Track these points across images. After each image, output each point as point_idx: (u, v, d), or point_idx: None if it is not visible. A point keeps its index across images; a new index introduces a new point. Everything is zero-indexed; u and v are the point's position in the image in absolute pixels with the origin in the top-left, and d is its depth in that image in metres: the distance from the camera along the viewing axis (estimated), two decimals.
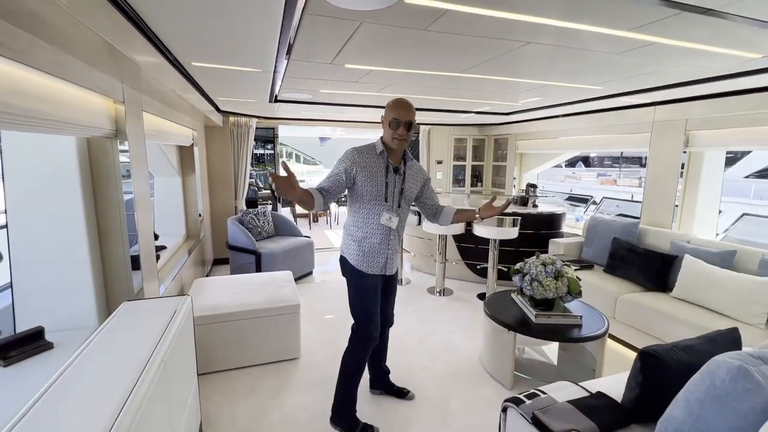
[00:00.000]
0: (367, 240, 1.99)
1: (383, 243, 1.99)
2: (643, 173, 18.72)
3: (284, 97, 3.69)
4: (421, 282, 4.71)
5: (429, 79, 2.75)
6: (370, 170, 1.93)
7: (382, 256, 2.01)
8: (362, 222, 1.99)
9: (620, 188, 15.07)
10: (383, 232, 1.98)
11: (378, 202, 1.95)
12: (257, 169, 10.33)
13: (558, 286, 2.53)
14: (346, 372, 2.11)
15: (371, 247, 1.99)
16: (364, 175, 1.92)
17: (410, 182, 2.04)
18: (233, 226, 4.44)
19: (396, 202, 1.98)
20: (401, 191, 2.00)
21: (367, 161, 1.93)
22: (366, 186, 1.93)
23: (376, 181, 1.93)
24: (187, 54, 2.09)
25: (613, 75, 2.47)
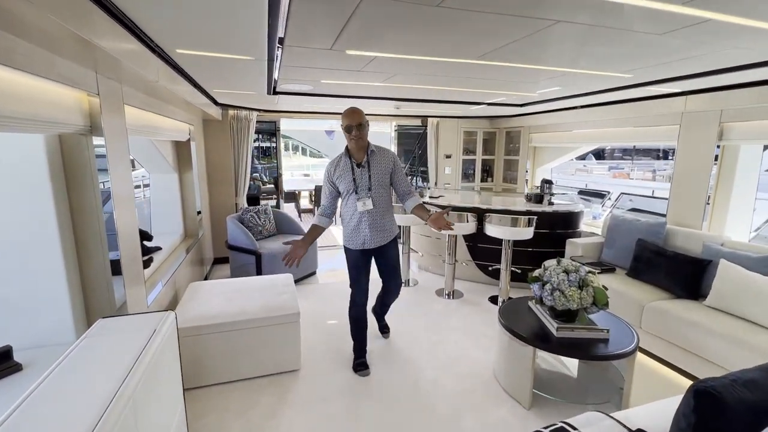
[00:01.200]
0: (349, 224, 2.60)
1: (358, 225, 2.55)
2: (657, 166, 18.07)
3: (283, 89, 3.46)
4: (429, 283, 4.49)
5: (440, 67, 2.50)
6: (341, 173, 2.52)
7: (360, 235, 2.57)
8: (344, 211, 2.61)
9: (635, 182, 14.60)
10: (358, 217, 2.53)
11: (350, 195, 2.52)
12: (263, 162, 10.13)
13: (582, 297, 2.28)
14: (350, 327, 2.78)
15: (352, 229, 2.59)
16: (339, 178, 2.53)
17: (376, 169, 2.51)
18: (233, 225, 4.24)
19: (366, 189, 2.49)
20: (369, 179, 2.50)
21: (338, 168, 2.54)
22: (341, 185, 2.53)
23: (347, 179, 2.50)
24: (170, 40, 1.87)
25: (650, 60, 2.20)
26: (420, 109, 4.97)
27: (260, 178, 9.47)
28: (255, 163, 10.47)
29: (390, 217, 2.63)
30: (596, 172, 19.46)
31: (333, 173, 2.55)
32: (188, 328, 2.39)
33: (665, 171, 19.79)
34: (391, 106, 4.64)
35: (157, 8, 1.46)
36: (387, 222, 2.59)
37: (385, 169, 2.53)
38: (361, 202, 2.48)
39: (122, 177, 2.05)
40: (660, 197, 6.73)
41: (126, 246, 2.07)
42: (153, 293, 2.57)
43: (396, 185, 2.62)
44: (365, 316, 2.72)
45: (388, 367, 2.76)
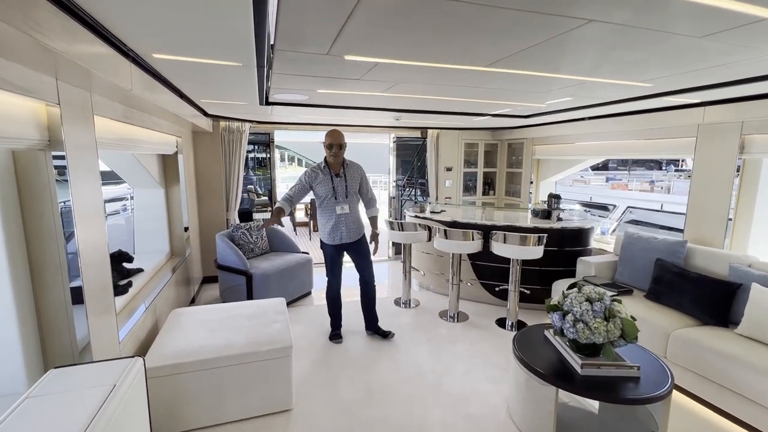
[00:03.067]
0: (327, 224, 3.13)
1: (337, 225, 3.11)
2: (655, 176, 18.05)
3: (277, 99, 3.24)
4: (432, 304, 4.23)
5: (446, 75, 2.29)
6: (320, 180, 3.05)
7: (338, 233, 3.12)
8: (323, 212, 3.13)
9: (640, 194, 14.45)
10: (336, 218, 3.09)
11: (330, 200, 3.07)
12: (259, 173, 9.87)
13: (609, 329, 2.04)
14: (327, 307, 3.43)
15: (331, 228, 3.12)
16: (317, 183, 3.06)
17: (351, 180, 3.12)
18: (222, 243, 3.98)
19: (343, 195, 3.09)
20: (346, 188, 3.09)
21: (318, 175, 3.06)
22: (319, 190, 3.07)
23: (327, 187, 3.05)
24: (145, 44, 1.64)
25: (679, 67, 2.00)
26: (420, 120, 4.78)
27: (255, 189, 9.20)
28: (250, 174, 10.23)
29: (359, 217, 3.24)
30: (594, 183, 19.41)
31: (314, 178, 3.06)
32: (165, 367, 2.11)
33: (663, 182, 19.80)
34: (391, 118, 4.44)
35: (125, 6, 1.24)
36: (358, 222, 3.22)
37: (356, 180, 3.17)
38: (340, 206, 3.08)
39: (89, 194, 1.80)
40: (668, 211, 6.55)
41: (92, 273, 1.80)
42: (128, 324, 2.29)
43: (363, 194, 3.26)
44: (339, 296, 3.37)
45: (390, 403, 2.49)
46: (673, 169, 23.53)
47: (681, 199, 9.79)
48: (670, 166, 24.03)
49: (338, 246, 3.16)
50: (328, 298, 3.36)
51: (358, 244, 3.22)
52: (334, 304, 3.37)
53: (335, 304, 3.37)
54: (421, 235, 4.03)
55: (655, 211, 6.42)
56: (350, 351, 3.17)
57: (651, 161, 24.83)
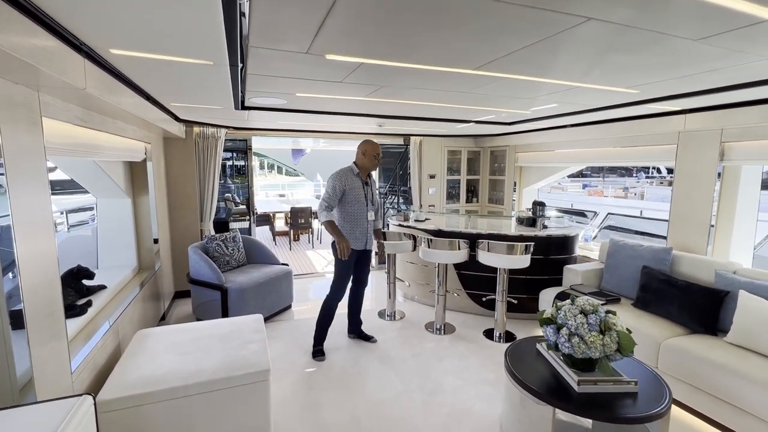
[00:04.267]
0: (355, 227, 3.11)
1: (364, 229, 3.15)
2: (628, 183, 18.65)
3: (254, 103, 3.07)
4: (417, 316, 4.09)
5: (433, 79, 2.19)
6: (353, 185, 3.08)
7: (363, 238, 3.16)
8: (351, 217, 3.11)
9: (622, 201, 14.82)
10: (365, 223, 3.14)
11: (361, 205, 3.12)
12: (237, 181, 9.55)
13: (606, 343, 1.95)
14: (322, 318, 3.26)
15: (358, 232, 3.12)
16: (349, 189, 3.07)
17: (374, 189, 3.32)
18: (195, 256, 3.74)
19: (371, 202, 3.21)
20: (373, 195, 3.26)
21: (350, 180, 3.08)
22: (352, 195, 3.08)
23: (360, 192, 3.11)
24: (99, 37, 1.46)
25: (669, 73, 1.96)
26: (403, 126, 4.69)
27: (233, 198, 8.89)
28: (228, 182, 9.90)
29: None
30: (571, 190, 19.85)
31: (346, 183, 3.05)
32: (126, 398, 1.88)
33: (636, 188, 20.48)
34: (373, 124, 4.33)
35: None
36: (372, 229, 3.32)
37: (376, 189, 3.38)
38: (371, 213, 3.18)
39: (35, 206, 1.59)
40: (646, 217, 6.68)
41: (37, 295, 1.58)
42: (84, 350, 2.05)
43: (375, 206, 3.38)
44: (335, 310, 3.24)
45: (378, 428, 2.32)
46: (643, 177, 24.40)
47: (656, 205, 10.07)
48: (640, 174, 24.92)
49: (358, 252, 3.14)
50: (328, 311, 3.20)
51: (370, 252, 3.34)
52: (330, 316, 3.23)
53: (331, 316, 3.24)
54: (406, 245, 3.90)
55: (634, 217, 6.53)
56: (333, 369, 2.99)
57: (623, 169, 25.69)
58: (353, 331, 3.51)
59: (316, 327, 3.24)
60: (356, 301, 3.45)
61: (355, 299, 3.45)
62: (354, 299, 3.44)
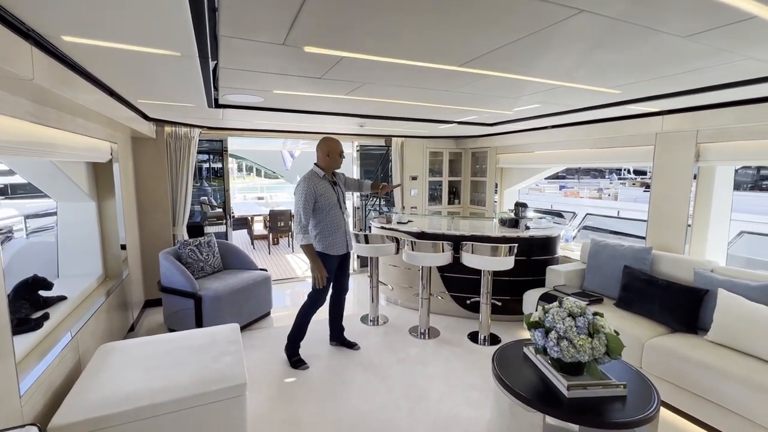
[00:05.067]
0: (333, 234, 2.94)
1: (342, 234, 3.00)
2: (602, 184, 19.20)
3: (228, 101, 2.92)
4: (401, 320, 4.01)
5: (416, 75, 2.11)
6: (323, 190, 2.88)
7: (342, 242, 2.99)
8: (329, 223, 2.93)
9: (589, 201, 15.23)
10: (341, 226, 2.98)
11: (336, 208, 2.94)
12: (214, 184, 9.23)
13: (595, 346, 1.91)
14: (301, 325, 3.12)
15: (336, 238, 2.95)
16: (320, 195, 2.86)
17: (341, 187, 3.09)
18: (166, 263, 3.53)
19: (343, 202, 3.03)
20: (343, 194, 3.07)
21: (320, 185, 2.88)
22: (324, 200, 2.87)
23: (331, 195, 2.92)
24: (47, 22, 1.31)
25: (652, 72, 1.95)
26: (384, 127, 4.61)
27: (209, 201, 8.58)
28: (204, 185, 9.55)
29: None
30: (548, 192, 20.27)
31: (317, 189, 2.86)
32: (83, 422, 1.71)
33: (609, 189, 21.12)
34: (354, 124, 4.23)
35: None
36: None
37: (343, 184, 3.15)
38: (344, 213, 3.02)
39: None
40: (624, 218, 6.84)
41: None
42: (37, 370, 1.86)
43: (352, 185, 3.28)
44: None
45: None
46: (615, 178, 25.21)
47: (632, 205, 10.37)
48: (612, 175, 25.74)
49: (340, 256, 3.04)
50: (304, 320, 3.06)
51: (349, 254, 3.18)
52: (304, 329, 3.10)
53: (305, 329, 3.11)
54: (389, 248, 3.82)
55: (611, 218, 6.67)
56: (314, 379, 2.87)
57: (596, 170, 26.46)
58: (336, 339, 3.39)
59: (289, 338, 3.09)
60: (338, 308, 3.34)
61: (337, 306, 3.33)
62: (335, 306, 3.33)
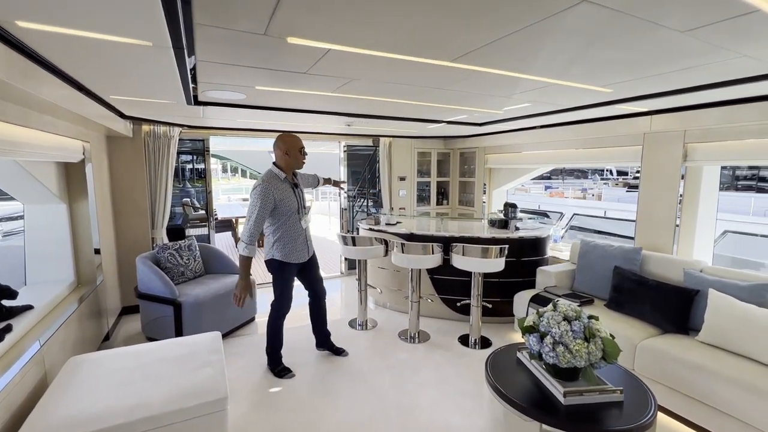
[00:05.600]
0: (292, 242, 2.72)
1: (304, 240, 2.79)
2: (586, 185, 19.52)
3: (209, 98, 2.78)
4: (390, 324, 3.92)
5: (407, 72, 2.03)
6: (284, 194, 2.63)
7: (302, 250, 2.79)
8: (288, 229, 2.70)
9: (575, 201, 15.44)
10: (301, 233, 2.76)
11: (293, 214, 2.69)
12: (198, 185, 8.97)
13: (591, 351, 1.86)
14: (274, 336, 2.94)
15: (295, 246, 2.74)
16: (282, 199, 2.62)
17: (302, 189, 2.88)
18: (144, 268, 3.36)
19: (303, 207, 2.78)
20: (303, 198, 2.82)
21: (279, 189, 2.62)
22: (284, 206, 2.63)
23: (292, 199, 2.67)
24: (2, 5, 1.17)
25: (647, 70, 1.92)
26: (372, 127, 4.52)
27: (192, 203, 8.34)
28: (187, 186, 9.27)
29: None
30: (534, 192, 20.50)
31: (276, 194, 2.61)
32: None
33: (593, 189, 21.51)
34: (341, 123, 4.13)
35: None
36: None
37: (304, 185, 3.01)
38: (304, 219, 2.79)
39: None
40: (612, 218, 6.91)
41: None
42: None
43: (308, 182, 3.18)
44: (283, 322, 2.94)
45: None
46: (598, 179, 25.70)
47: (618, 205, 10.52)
48: (595, 176, 26.23)
49: (299, 264, 2.83)
50: (277, 327, 2.88)
51: (314, 258, 3.02)
52: (279, 335, 2.93)
53: (280, 335, 2.94)
54: (378, 250, 3.73)
55: (596, 218, 6.73)
56: (300, 389, 2.75)
57: (579, 171, 26.92)
58: (322, 345, 3.26)
59: (267, 353, 2.93)
60: (318, 314, 3.15)
61: (317, 313, 3.15)
62: (315, 313, 3.15)
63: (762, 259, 4.27)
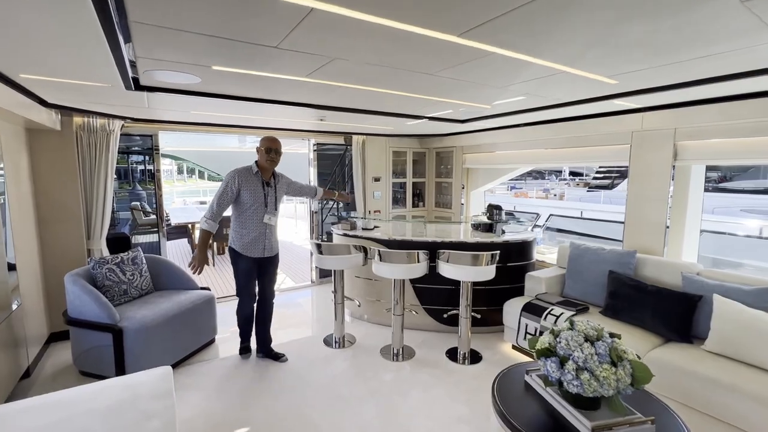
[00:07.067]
0: (249, 234, 2.87)
1: (261, 236, 2.90)
2: (548, 186, 20.13)
3: (154, 82, 2.30)
4: (370, 339, 3.56)
5: (401, 50, 1.70)
6: (250, 185, 2.83)
7: (260, 245, 2.91)
8: (246, 221, 2.86)
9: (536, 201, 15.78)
10: (262, 229, 2.89)
11: (259, 208, 2.87)
12: (150, 187, 8.11)
13: (620, 377, 1.61)
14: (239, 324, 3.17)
15: (253, 239, 2.88)
16: (246, 189, 2.82)
17: (279, 192, 3.01)
18: (74, 288, 2.78)
19: (273, 206, 2.95)
20: (275, 198, 2.96)
21: (247, 180, 2.83)
22: (247, 196, 2.82)
23: (257, 193, 2.85)
24: None
25: (666, 57, 1.71)
26: (346, 123, 4.14)
27: (142, 207, 7.50)
28: (138, 188, 8.38)
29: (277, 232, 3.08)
30: (499, 193, 20.87)
31: (241, 182, 2.80)
32: None
33: (554, 190, 22.27)
34: (313, 117, 3.71)
35: None
36: (276, 235, 3.06)
37: (282, 192, 3.07)
38: (268, 216, 2.91)
39: None
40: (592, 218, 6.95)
41: None
42: None
43: (301, 191, 3.23)
44: (253, 312, 3.10)
45: None
46: (555, 179, 26.71)
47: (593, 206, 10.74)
48: (552, 176, 27.24)
49: (257, 259, 2.93)
50: (242, 317, 3.09)
51: (275, 258, 3.08)
52: (247, 321, 3.12)
53: (248, 320, 3.12)
54: (356, 259, 3.36)
55: (568, 218, 6.74)
56: (270, 426, 2.33)
57: (536, 171, 27.84)
58: (261, 350, 3.16)
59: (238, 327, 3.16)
60: (262, 316, 3.11)
61: (262, 315, 3.10)
62: (261, 315, 3.10)
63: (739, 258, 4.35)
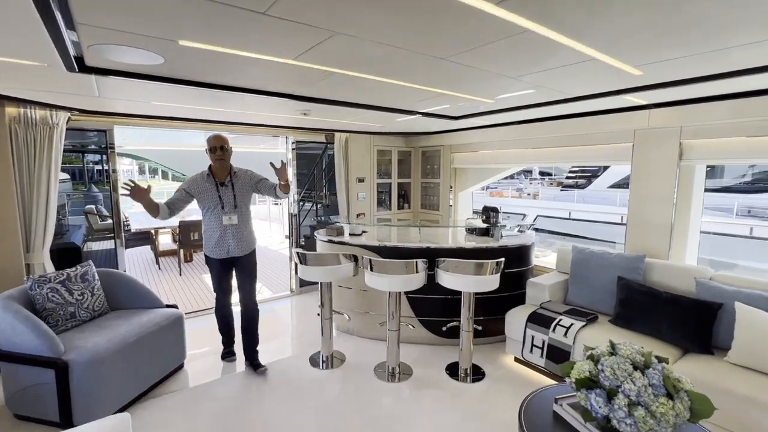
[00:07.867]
0: (212, 237, 2.87)
1: (223, 237, 2.85)
2: (521, 185, 20.43)
3: (102, 62, 1.87)
4: (360, 356, 3.23)
5: (416, 25, 1.39)
6: (202, 190, 2.82)
7: (225, 246, 2.86)
8: (208, 223, 2.88)
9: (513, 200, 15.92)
10: (222, 230, 2.84)
11: (215, 210, 2.82)
12: (107, 189, 7.38)
13: (679, 413, 1.38)
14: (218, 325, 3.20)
15: (216, 241, 2.86)
16: (198, 192, 2.83)
17: (240, 188, 2.89)
18: (6, 315, 2.28)
19: (232, 206, 2.85)
20: (234, 197, 2.86)
21: (198, 184, 2.83)
22: (203, 201, 2.84)
23: (211, 196, 2.82)
24: None
25: (720, 39, 1.50)
26: (329, 119, 3.79)
27: (98, 210, 6.75)
28: (94, 190, 7.61)
29: (251, 229, 2.98)
30: (475, 192, 21.01)
31: (194, 186, 2.82)
32: None
33: (527, 189, 22.70)
34: (294, 112, 3.33)
35: None
36: (248, 233, 2.95)
37: (248, 188, 2.93)
38: (227, 216, 2.82)
39: None
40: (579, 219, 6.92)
41: None
42: None
43: (264, 189, 2.96)
44: (231, 312, 3.11)
45: None
46: (525, 179, 27.29)
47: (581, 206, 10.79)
48: (521, 176, 27.83)
49: (224, 260, 2.89)
50: (219, 317, 3.12)
51: (247, 258, 2.95)
52: (225, 321, 3.14)
53: (226, 321, 3.14)
54: (346, 269, 3.02)
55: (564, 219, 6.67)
56: None
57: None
58: (247, 357, 3.07)
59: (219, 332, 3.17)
60: (245, 326, 3.00)
61: (244, 322, 3.00)
62: (242, 322, 3.01)
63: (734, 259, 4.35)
